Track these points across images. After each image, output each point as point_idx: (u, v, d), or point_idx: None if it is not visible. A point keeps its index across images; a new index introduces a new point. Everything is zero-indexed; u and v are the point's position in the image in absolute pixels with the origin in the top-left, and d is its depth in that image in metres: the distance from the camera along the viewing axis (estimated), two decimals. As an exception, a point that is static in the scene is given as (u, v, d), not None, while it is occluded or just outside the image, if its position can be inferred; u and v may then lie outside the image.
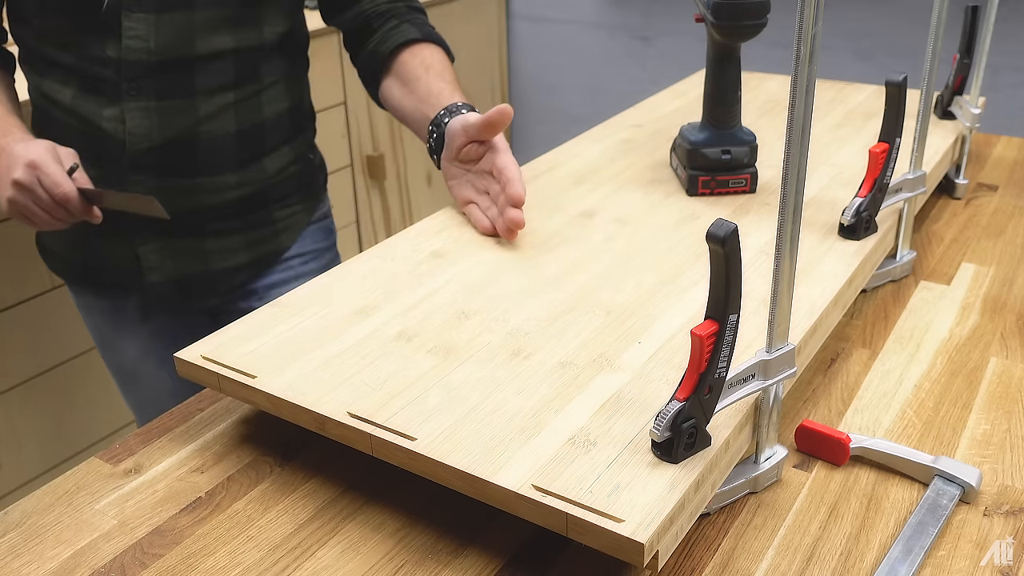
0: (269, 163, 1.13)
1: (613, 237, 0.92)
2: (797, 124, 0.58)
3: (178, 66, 1.01)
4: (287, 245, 1.18)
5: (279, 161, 1.14)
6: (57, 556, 0.64)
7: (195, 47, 1.01)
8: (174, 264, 1.11)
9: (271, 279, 1.18)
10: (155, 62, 1.00)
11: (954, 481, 0.68)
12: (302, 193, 1.19)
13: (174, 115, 1.03)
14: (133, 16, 0.97)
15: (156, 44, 0.99)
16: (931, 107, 0.95)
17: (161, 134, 1.03)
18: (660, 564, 0.57)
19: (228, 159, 1.08)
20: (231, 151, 1.08)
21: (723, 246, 0.56)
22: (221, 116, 1.06)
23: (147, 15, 0.98)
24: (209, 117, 1.05)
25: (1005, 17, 2.01)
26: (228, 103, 1.06)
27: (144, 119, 1.01)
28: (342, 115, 2.25)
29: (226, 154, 1.08)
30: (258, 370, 0.72)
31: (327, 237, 1.26)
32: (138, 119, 1.01)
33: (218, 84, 1.04)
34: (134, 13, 0.97)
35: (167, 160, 1.04)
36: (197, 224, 1.10)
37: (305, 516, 0.67)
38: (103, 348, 1.26)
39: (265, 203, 1.14)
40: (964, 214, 1.13)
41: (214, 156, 1.07)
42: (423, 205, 2.56)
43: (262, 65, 1.08)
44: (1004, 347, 0.86)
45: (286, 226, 1.17)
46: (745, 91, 1.38)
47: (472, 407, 0.66)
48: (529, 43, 2.86)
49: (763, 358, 0.64)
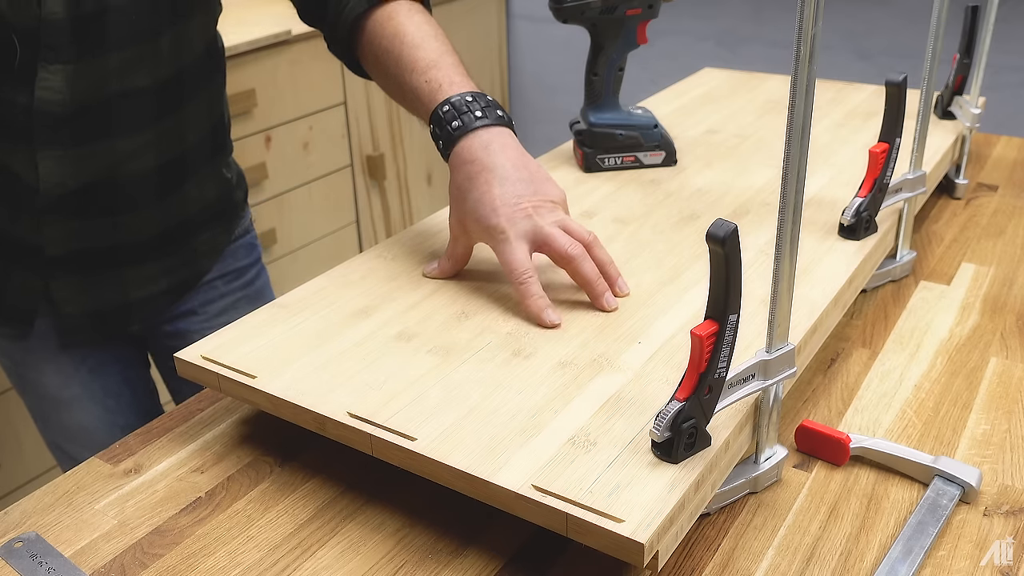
0: (191, 190, 1.04)
1: (613, 237, 0.92)
2: (797, 124, 0.58)
3: (94, 111, 0.91)
4: (207, 268, 1.11)
5: (200, 187, 1.06)
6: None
7: (111, 89, 0.91)
8: (89, 296, 1.02)
9: (192, 303, 1.11)
10: (70, 111, 0.89)
11: (954, 481, 0.68)
12: (223, 216, 1.11)
13: (90, 160, 0.94)
14: (49, 68, 0.86)
15: (71, 94, 0.88)
16: (931, 107, 0.95)
17: (76, 179, 0.94)
18: (660, 564, 0.57)
19: (149, 194, 1.00)
20: (152, 186, 1.00)
21: (723, 246, 0.56)
22: (142, 154, 0.97)
23: (64, 66, 0.87)
24: (129, 156, 0.96)
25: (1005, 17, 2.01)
26: (149, 140, 0.97)
27: (57, 166, 0.92)
28: (342, 115, 2.25)
29: (147, 190, 1.00)
30: (258, 370, 0.72)
31: (249, 254, 1.17)
32: (51, 166, 0.92)
33: (137, 122, 0.95)
34: (51, 65, 0.86)
35: (85, 202, 0.96)
36: (113, 257, 1.02)
37: (305, 516, 0.67)
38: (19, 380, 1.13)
39: (186, 231, 1.07)
40: (964, 214, 1.13)
41: (136, 193, 0.99)
42: (423, 205, 2.56)
43: (184, 92, 0.98)
44: (1004, 347, 0.86)
45: (206, 251, 1.10)
46: (745, 91, 1.39)
47: (472, 407, 0.66)
48: (529, 43, 2.86)
49: (763, 358, 0.64)
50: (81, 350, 1.09)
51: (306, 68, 2.10)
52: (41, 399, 1.13)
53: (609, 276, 0.80)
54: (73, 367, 1.09)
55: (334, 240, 2.31)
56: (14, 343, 1.09)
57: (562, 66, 2.78)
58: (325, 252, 2.27)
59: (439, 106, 0.84)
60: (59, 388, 1.11)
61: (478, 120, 0.82)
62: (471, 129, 0.82)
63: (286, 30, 2.01)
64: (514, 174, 0.80)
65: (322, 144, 2.21)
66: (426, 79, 0.86)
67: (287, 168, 2.12)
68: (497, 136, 0.82)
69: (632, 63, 1.12)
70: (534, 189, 0.80)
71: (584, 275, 0.78)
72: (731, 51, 2.50)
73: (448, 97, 0.84)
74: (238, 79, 1.94)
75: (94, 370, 1.10)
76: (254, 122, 2.01)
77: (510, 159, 0.81)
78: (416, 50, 0.88)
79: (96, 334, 1.08)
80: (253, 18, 2.12)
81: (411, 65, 0.87)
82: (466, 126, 0.82)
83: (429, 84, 0.86)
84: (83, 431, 1.12)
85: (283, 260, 2.17)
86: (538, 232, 0.78)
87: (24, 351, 1.09)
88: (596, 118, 1.09)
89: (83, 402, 1.11)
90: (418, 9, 0.93)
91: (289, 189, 2.14)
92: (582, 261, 0.78)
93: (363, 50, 0.94)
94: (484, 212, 0.79)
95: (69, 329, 1.06)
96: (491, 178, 0.79)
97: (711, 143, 1.17)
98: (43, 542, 0.65)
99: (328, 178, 2.25)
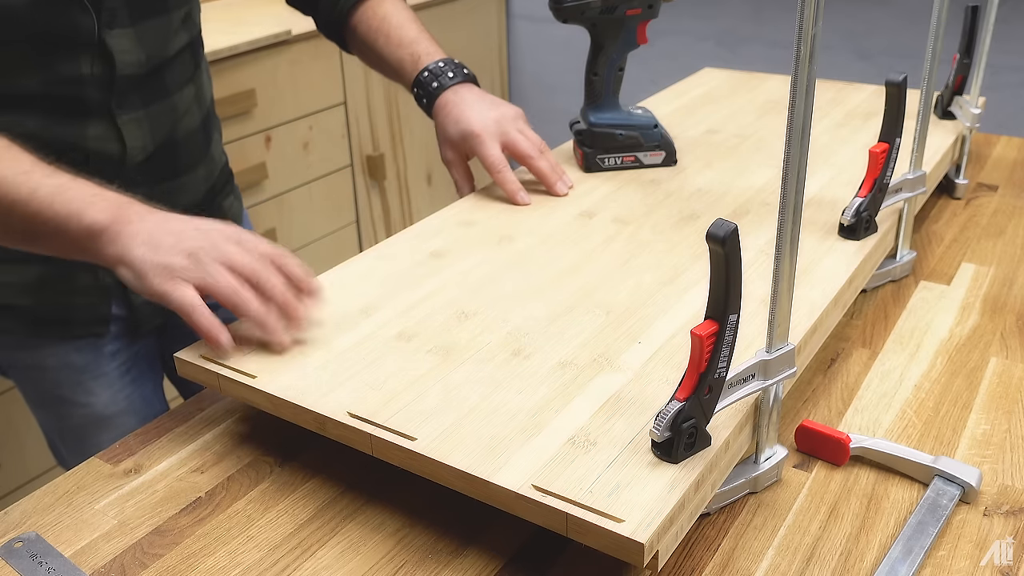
0: (215, 150, 1.14)
1: (613, 237, 0.92)
2: (797, 124, 0.58)
3: (157, 71, 1.00)
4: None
5: (217, 147, 1.15)
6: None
7: (168, 49, 1.01)
8: None
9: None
10: (144, 71, 0.98)
11: (954, 481, 0.68)
12: (229, 181, 1.20)
13: (159, 119, 1.01)
14: (113, 33, 0.94)
15: (144, 54, 0.97)
16: (931, 107, 0.95)
17: (154, 140, 1.01)
18: (660, 564, 0.57)
19: (200, 151, 1.09)
20: (200, 142, 1.09)
21: (723, 246, 0.56)
22: (191, 109, 1.06)
23: (124, 29, 0.95)
24: (184, 113, 1.05)
25: (1005, 17, 2.01)
26: (191, 95, 1.06)
27: (138, 129, 0.99)
28: (342, 115, 2.25)
29: (198, 146, 1.09)
30: (258, 370, 0.72)
31: (250, 228, 1.27)
32: (133, 130, 0.98)
33: (184, 78, 1.05)
34: (113, 30, 0.94)
35: (157, 166, 1.03)
36: None
37: (305, 516, 0.67)
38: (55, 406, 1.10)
39: (214, 195, 1.14)
40: (964, 214, 1.13)
41: (192, 151, 1.07)
42: (423, 205, 2.56)
43: (199, 48, 1.10)
44: (1004, 347, 0.86)
45: (232, 216, 1.18)
46: (745, 91, 1.39)
47: (472, 407, 0.66)
48: (529, 43, 2.86)
49: (763, 358, 0.64)
50: (129, 358, 1.10)
51: (306, 68, 2.10)
52: (83, 419, 1.10)
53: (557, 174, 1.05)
54: (120, 379, 1.10)
55: (334, 240, 2.31)
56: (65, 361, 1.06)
57: (562, 66, 2.78)
58: (325, 252, 2.27)
59: (420, 73, 1.09)
60: (106, 405, 1.09)
61: (451, 80, 1.08)
62: (446, 87, 1.07)
63: (286, 30, 2.01)
64: (479, 102, 1.06)
65: (322, 144, 2.21)
66: (409, 52, 1.10)
67: (287, 168, 2.12)
68: (463, 87, 1.08)
69: (632, 63, 1.12)
70: (497, 109, 1.06)
71: (540, 169, 1.03)
72: (731, 51, 2.50)
73: (426, 65, 1.08)
74: (238, 79, 1.94)
75: (135, 380, 1.11)
76: (254, 122, 2.01)
77: (475, 96, 1.07)
78: (400, 30, 1.12)
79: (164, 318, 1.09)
80: (253, 18, 2.12)
81: (397, 41, 1.11)
82: (442, 85, 1.07)
83: (412, 56, 1.10)
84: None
85: (283, 260, 2.17)
86: (505, 136, 1.04)
87: (77, 371, 1.07)
88: (596, 118, 1.09)
89: (125, 416, 1.11)
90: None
91: (289, 189, 2.14)
92: (538, 158, 1.04)
93: (352, 29, 1.16)
94: (463, 128, 1.04)
95: (142, 319, 1.07)
96: (464, 107, 1.05)
97: (711, 143, 1.17)
98: (43, 542, 0.65)
99: (328, 178, 2.25)
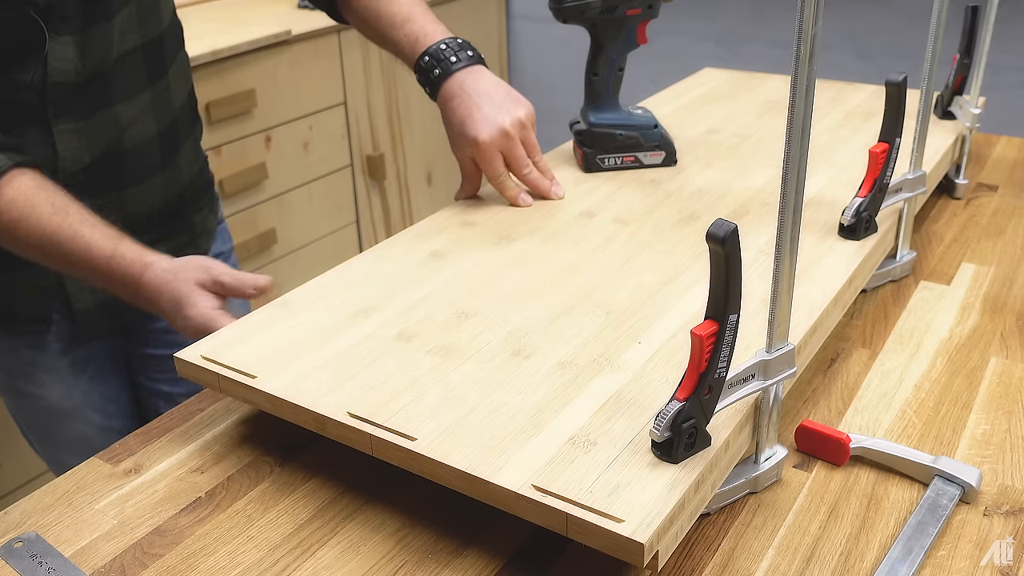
0: (183, 160, 1.09)
1: (613, 237, 0.92)
2: (797, 124, 0.58)
3: (99, 79, 0.96)
4: (206, 248, 1.16)
5: (187, 156, 1.11)
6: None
7: (113, 54, 0.96)
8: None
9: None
10: (81, 80, 0.94)
11: (954, 481, 0.68)
12: (207, 191, 1.17)
13: (100, 130, 0.98)
14: (60, 39, 0.91)
15: (83, 62, 0.93)
16: (931, 107, 0.95)
17: (91, 152, 0.98)
18: (660, 564, 0.57)
19: (153, 163, 1.05)
20: (155, 154, 1.05)
21: (723, 246, 0.56)
22: (142, 120, 1.02)
23: (73, 36, 0.91)
24: (131, 123, 1.01)
25: (1005, 17, 2.01)
26: (146, 104, 1.02)
27: (73, 139, 0.96)
28: (342, 115, 2.25)
29: (151, 158, 1.04)
30: (258, 370, 0.72)
31: (228, 240, 1.24)
32: (68, 140, 0.95)
33: (134, 86, 1.00)
34: (61, 36, 0.90)
35: (99, 176, 0.99)
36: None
37: (305, 516, 0.67)
38: (15, 396, 1.13)
39: (181, 207, 1.11)
40: (964, 214, 1.13)
41: (142, 162, 1.03)
42: (423, 205, 2.56)
43: (165, 52, 1.04)
44: (1004, 347, 0.86)
45: (200, 230, 1.15)
46: (745, 91, 1.39)
47: (472, 407, 0.66)
48: (529, 43, 2.86)
49: (763, 358, 0.64)
50: (83, 357, 1.09)
51: (306, 68, 2.10)
52: (42, 412, 1.13)
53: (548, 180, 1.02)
54: (74, 376, 1.09)
55: (334, 240, 2.31)
56: (14, 354, 1.08)
57: (562, 66, 2.78)
58: (325, 252, 2.27)
59: (420, 58, 1.00)
60: (61, 399, 1.10)
61: (454, 64, 0.99)
62: (450, 73, 0.99)
63: (286, 30, 2.01)
64: (487, 101, 0.98)
65: (322, 144, 2.21)
66: (404, 33, 1.02)
67: (287, 168, 2.12)
68: (470, 74, 0.99)
69: (632, 63, 1.12)
70: (506, 112, 0.98)
71: (532, 181, 1.01)
72: (731, 51, 2.50)
73: (426, 48, 1.00)
74: (238, 79, 1.94)
75: (94, 377, 1.10)
76: (254, 122, 2.01)
77: (482, 90, 0.98)
78: (391, 5, 1.04)
79: (109, 327, 1.08)
80: (253, 18, 2.12)
81: (389, 20, 1.03)
82: (445, 72, 0.99)
83: (408, 38, 1.02)
84: (84, 441, 1.12)
85: (283, 260, 2.17)
86: (505, 147, 0.99)
87: (26, 363, 1.08)
88: (596, 118, 1.09)
89: (84, 411, 1.11)
90: None
91: (289, 189, 2.14)
92: (530, 171, 1.00)
93: (345, 4, 1.09)
94: (468, 135, 0.98)
95: (84, 325, 1.06)
96: (471, 107, 0.97)
97: (711, 143, 1.17)
98: (43, 542, 0.65)
99: (328, 178, 2.25)
